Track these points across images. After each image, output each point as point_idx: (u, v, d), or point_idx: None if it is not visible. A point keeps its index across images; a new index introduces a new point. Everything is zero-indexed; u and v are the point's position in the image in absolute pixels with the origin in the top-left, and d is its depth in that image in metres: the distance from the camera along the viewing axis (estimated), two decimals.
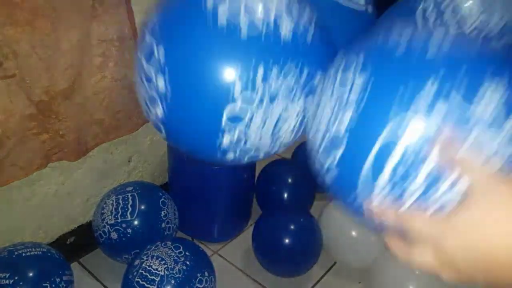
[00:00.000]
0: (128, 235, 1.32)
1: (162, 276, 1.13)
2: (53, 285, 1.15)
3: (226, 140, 0.58)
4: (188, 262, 1.18)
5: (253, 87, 0.55)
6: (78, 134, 1.23)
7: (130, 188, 1.38)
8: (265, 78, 0.55)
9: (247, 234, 1.59)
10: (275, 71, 0.55)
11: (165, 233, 1.38)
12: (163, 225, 1.38)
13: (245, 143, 0.59)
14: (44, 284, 1.13)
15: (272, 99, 0.56)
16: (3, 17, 0.97)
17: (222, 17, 0.55)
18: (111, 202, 1.36)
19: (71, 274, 1.24)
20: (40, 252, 1.18)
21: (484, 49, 0.49)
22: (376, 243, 1.44)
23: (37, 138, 1.14)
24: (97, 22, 1.15)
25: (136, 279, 1.14)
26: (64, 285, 1.18)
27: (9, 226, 1.25)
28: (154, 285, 1.12)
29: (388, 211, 0.47)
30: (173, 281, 1.13)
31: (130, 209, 1.33)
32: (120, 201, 1.34)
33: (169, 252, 1.19)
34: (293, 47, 0.57)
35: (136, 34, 1.27)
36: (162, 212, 1.38)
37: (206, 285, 1.19)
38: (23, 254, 1.15)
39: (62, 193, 1.34)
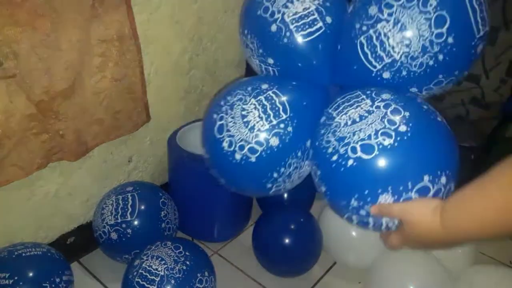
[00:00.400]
0: (128, 235, 1.32)
1: (162, 276, 1.13)
2: (53, 285, 1.15)
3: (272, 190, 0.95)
4: (188, 262, 1.18)
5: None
6: (78, 134, 1.23)
7: (130, 188, 1.39)
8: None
9: (247, 234, 1.59)
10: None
11: (165, 233, 1.39)
12: (163, 225, 1.38)
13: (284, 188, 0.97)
14: (44, 284, 1.13)
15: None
16: (3, 17, 0.97)
17: None
18: (111, 202, 1.36)
19: (71, 274, 1.24)
20: (40, 252, 1.19)
21: None
22: (376, 243, 1.44)
23: (37, 138, 1.14)
24: (97, 22, 1.15)
25: (136, 279, 1.14)
26: (64, 285, 1.19)
27: (9, 226, 1.25)
28: (154, 285, 1.12)
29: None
30: (173, 281, 1.13)
31: (130, 209, 1.33)
32: (120, 201, 1.35)
33: (169, 252, 1.19)
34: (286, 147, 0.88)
35: (136, 34, 1.27)
36: (162, 212, 1.38)
37: (206, 285, 1.19)
38: (23, 254, 1.15)
39: (62, 193, 1.34)
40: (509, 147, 1.56)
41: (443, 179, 0.72)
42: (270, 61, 0.93)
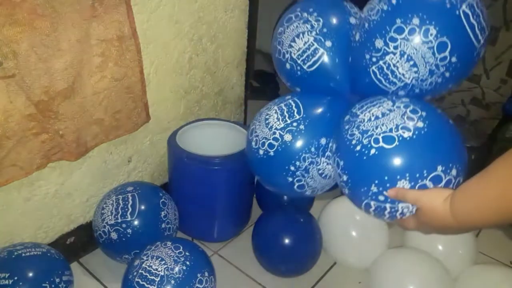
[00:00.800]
0: (128, 236, 1.32)
1: (162, 276, 1.13)
2: (53, 285, 1.15)
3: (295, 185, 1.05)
4: (188, 262, 1.18)
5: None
6: (78, 134, 1.23)
7: (130, 188, 1.39)
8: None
9: (247, 234, 1.59)
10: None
11: (165, 234, 1.39)
12: (163, 225, 1.38)
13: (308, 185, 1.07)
14: (43, 284, 1.13)
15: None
16: (2, 17, 0.97)
17: None
18: (111, 202, 1.36)
19: (71, 274, 1.24)
20: (40, 252, 1.19)
21: None
22: (376, 243, 1.44)
23: (36, 138, 1.14)
24: (97, 21, 1.15)
25: (136, 279, 1.14)
26: (64, 285, 1.19)
27: (8, 226, 1.25)
28: (154, 285, 1.12)
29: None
30: (173, 281, 1.13)
31: (130, 209, 1.33)
32: (120, 201, 1.35)
33: (169, 252, 1.19)
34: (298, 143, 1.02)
35: (136, 34, 1.27)
36: (162, 213, 1.38)
37: (206, 285, 1.19)
38: (23, 254, 1.15)
39: (61, 193, 1.34)
40: (510, 147, 1.56)
41: (454, 171, 0.81)
42: (297, 89, 1.13)
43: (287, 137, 1.00)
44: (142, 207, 1.35)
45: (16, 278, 1.10)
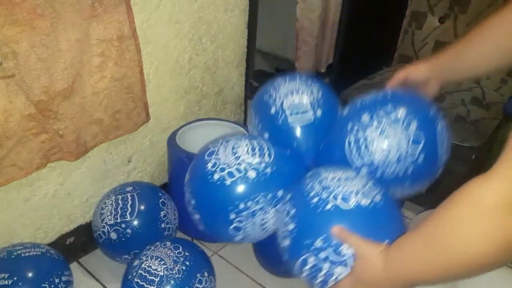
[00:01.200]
0: (128, 236, 1.32)
1: (161, 277, 1.13)
2: (52, 286, 1.15)
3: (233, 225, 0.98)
4: (187, 262, 1.18)
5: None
6: (78, 134, 1.23)
7: (129, 188, 1.39)
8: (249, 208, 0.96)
9: None
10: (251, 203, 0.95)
11: (165, 234, 1.39)
12: (162, 225, 1.38)
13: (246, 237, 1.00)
14: (43, 285, 1.14)
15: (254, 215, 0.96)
16: (2, 17, 0.97)
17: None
18: (110, 202, 1.36)
19: (70, 274, 1.24)
20: (39, 253, 1.19)
21: None
22: None
23: (36, 138, 1.15)
24: (96, 21, 1.15)
25: (136, 280, 1.14)
26: (63, 285, 1.19)
27: (8, 226, 1.25)
28: (154, 286, 1.13)
29: None
30: (172, 282, 1.13)
31: (129, 209, 1.33)
32: (120, 201, 1.35)
33: (168, 252, 1.19)
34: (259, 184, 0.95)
35: (136, 33, 1.27)
36: (162, 213, 1.38)
37: (205, 285, 1.19)
38: (22, 255, 1.15)
39: (61, 193, 1.34)
40: None
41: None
42: (266, 134, 1.10)
43: (251, 173, 0.95)
44: (142, 207, 1.35)
45: (15, 278, 1.10)
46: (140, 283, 1.13)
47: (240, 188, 0.95)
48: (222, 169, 0.96)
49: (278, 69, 2.77)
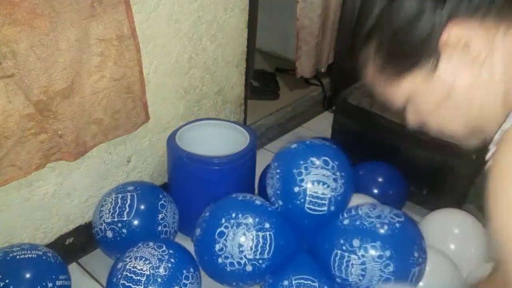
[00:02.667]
0: (123, 235, 1.32)
1: (148, 276, 1.14)
2: None
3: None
4: (172, 260, 1.18)
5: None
6: (77, 134, 1.24)
7: (131, 188, 1.39)
8: None
9: None
10: None
11: (161, 237, 1.38)
12: (159, 228, 1.37)
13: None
14: None
15: None
16: (1, 17, 0.97)
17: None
18: (110, 200, 1.36)
19: (66, 279, 1.23)
20: (35, 255, 1.17)
21: None
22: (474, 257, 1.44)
23: (35, 138, 1.15)
24: (95, 21, 1.15)
25: (122, 281, 1.14)
26: None
27: (7, 227, 1.25)
28: (141, 285, 1.13)
29: None
30: (159, 280, 1.14)
31: (127, 209, 1.34)
32: (119, 201, 1.35)
33: (152, 251, 1.19)
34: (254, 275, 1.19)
35: (135, 33, 1.27)
36: (160, 215, 1.38)
37: (192, 281, 1.20)
38: (17, 257, 1.15)
39: (60, 193, 1.34)
40: None
41: None
42: (280, 202, 1.26)
43: (248, 268, 1.16)
44: (140, 208, 1.35)
45: (7, 281, 1.09)
46: (127, 284, 1.13)
47: (237, 276, 1.17)
48: (226, 257, 1.16)
49: (278, 69, 2.77)
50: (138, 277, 1.14)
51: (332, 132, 1.95)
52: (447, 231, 1.42)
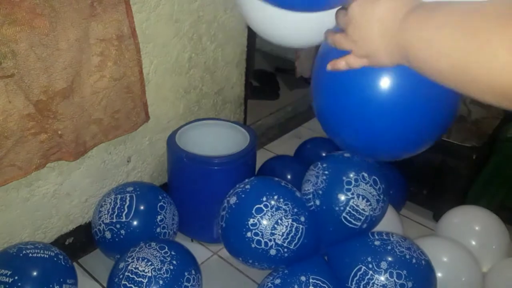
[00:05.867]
0: (121, 236, 1.32)
1: (149, 277, 1.14)
2: None
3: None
4: (174, 262, 1.18)
5: None
6: (77, 134, 1.24)
7: (130, 189, 1.39)
8: None
9: None
10: None
11: (160, 238, 1.38)
12: (158, 230, 1.37)
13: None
14: None
15: None
16: (1, 16, 0.97)
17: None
18: (109, 201, 1.36)
19: (74, 283, 1.23)
20: (47, 256, 1.18)
21: None
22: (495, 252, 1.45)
23: (35, 138, 1.15)
24: (95, 21, 1.16)
25: (123, 282, 1.14)
26: None
27: (7, 227, 1.25)
28: (142, 287, 1.13)
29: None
30: (161, 282, 1.14)
31: (126, 210, 1.34)
32: (118, 201, 1.35)
33: (154, 252, 1.19)
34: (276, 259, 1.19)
35: (135, 33, 1.27)
36: (159, 217, 1.38)
37: (194, 283, 1.20)
38: (30, 255, 1.16)
39: (60, 193, 1.34)
40: (511, 147, 1.56)
41: None
42: (318, 202, 1.27)
43: (273, 251, 1.16)
44: (138, 209, 1.35)
45: (16, 277, 1.10)
46: (128, 285, 1.13)
47: (257, 255, 1.17)
48: (256, 234, 1.15)
49: (278, 69, 2.78)
50: (140, 279, 1.14)
51: None
52: (468, 227, 1.44)
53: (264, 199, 1.17)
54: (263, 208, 1.16)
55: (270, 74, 2.71)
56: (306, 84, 2.54)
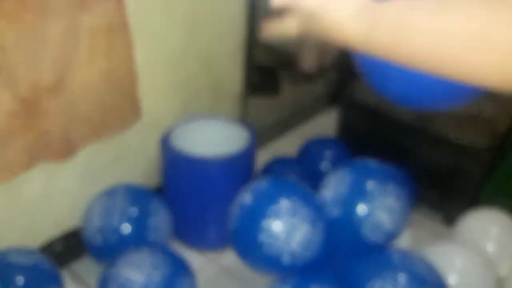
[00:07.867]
0: (112, 241, 1.33)
1: (140, 284, 1.14)
2: None
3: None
4: (167, 267, 1.19)
5: None
6: (66, 133, 1.24)
7: (121, 191, 1.39)
8: None
9: None
10: None
11: (152, 243, 1.38)
12: (150, 234, 1.37)
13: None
14: None
15: None
16: None
17: None
18: (99, 204, 1.37)
19: None
20: (29, 263, 1.18)
21: None
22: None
23: (22, 137, 1.14)
24: (85, 12, 1.15)
25: None
26: None
27: None
28: None
29: None
30: None
31: (117, 213, 1.34)
32: (108, 205, 1.35)
33: (146, 258, 1.20)
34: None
35: (127, 24, 1.26)
36: (150, 221, 1.38)
37: None
38: (12, 261, 1.16)
39: (48, 196, 1.34)
40: None
41: None
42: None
43: (287, 258, 1.14)
44: (129, 214, 1.35)
45: None
46: None
47: (268, 260, 1.15)
48: (270, 237, 1.11)
49: (279, 63, 2.76)
50: (131, 284, 1.14)
51: (338, 130, 1.94)
52: (485, 230, 1.46)
53: (281, 200, 1.15)
54: (280, 209, 1.14)
55: (270, 68, 2.70)
56: (308, 80, 2.53)
